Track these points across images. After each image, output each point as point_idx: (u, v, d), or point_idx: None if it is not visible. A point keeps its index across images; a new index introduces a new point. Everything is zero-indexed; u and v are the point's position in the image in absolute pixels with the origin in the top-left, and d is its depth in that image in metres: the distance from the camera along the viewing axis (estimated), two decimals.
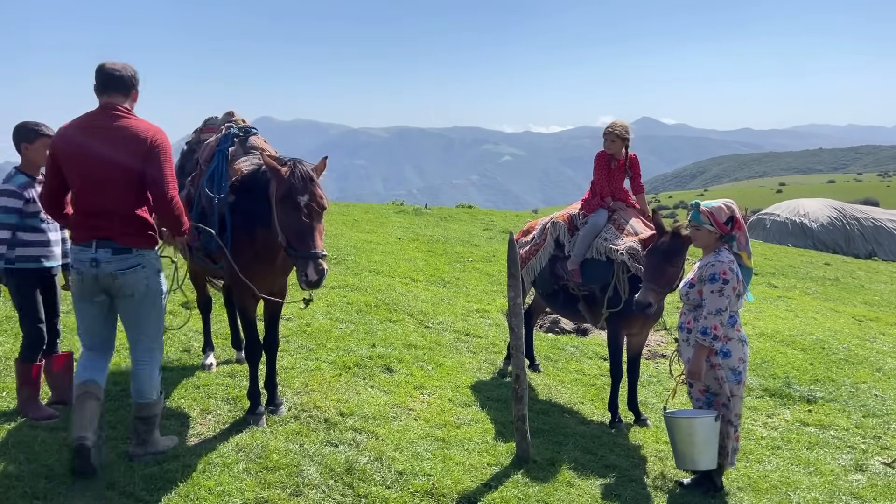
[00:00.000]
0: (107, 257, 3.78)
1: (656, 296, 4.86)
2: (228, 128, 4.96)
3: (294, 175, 4.13)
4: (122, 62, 3.87)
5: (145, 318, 3.96)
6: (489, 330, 7.65)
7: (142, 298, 3.90)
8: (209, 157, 4.84)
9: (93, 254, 3.78)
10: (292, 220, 4.12)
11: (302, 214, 4.09)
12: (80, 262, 3.82)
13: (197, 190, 4.78)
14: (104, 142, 3.71)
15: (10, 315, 5.99)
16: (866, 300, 12.57)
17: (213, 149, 4.86)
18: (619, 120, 6.00)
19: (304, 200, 4.10)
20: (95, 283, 3.83)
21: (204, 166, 4.83)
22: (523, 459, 4.61)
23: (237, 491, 3.81)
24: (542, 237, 6.19)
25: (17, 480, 3.65)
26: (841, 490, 4.78)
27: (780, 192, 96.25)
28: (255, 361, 4.77)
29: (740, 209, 4.59)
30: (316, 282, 4.04)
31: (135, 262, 3.84)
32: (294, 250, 4.12)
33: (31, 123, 4.46)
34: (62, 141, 3.78)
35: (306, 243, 4.08)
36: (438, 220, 15.55)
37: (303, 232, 4.10)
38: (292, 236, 4.13)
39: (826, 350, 8.10)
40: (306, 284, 4.06)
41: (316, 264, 4.04)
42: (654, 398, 6.25)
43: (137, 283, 3.85)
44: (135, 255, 3.84)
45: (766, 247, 18.53)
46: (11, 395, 4.65)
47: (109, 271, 3.79)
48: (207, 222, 4.60)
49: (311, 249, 4.06)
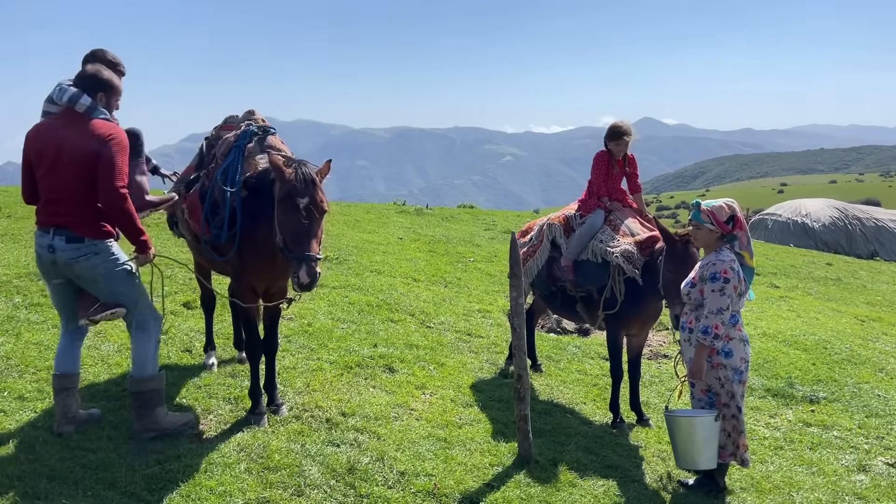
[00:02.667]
0: (62, 245, 3.97)
1: (682, 305, 4.81)
2: (248, 125, 4.96)
3: (296, 176, 4.13)
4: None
5: (120, 295, 4.14)
6: (491, 330, 7.64)
7: (107, 280, 4.08)
8: (226, 151, 4.85)
9: (49, 240, 3.98)
10: (290, 220, 4.12)
11: (300, 216, 4.09)
12: (39, 245, 4.05)
13: (211, 181, 4.78)
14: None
15: (12, 315, 6.00)
16: (868, 300, 12.54)
17: (230, 144, 4.86)
18: (625, 122, 5.93)
19: (303, 202, 4.10)
20: (53, 268, 4.05)
21: (220, 160, 4.84)
22: (525, 459, 4.60)
23: (239, 491, 3.81)
24: (539, 239, 6.18)
25: (19, 480, 3.65)
26: (844, 491, 4.77)
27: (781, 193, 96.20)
28: (256, 360, 4.77)
29: (742, 209, 4.59)
30: (307, 284, 4.05)
31: (86, 251, 4.00)
32: (289, 251, 4.12)
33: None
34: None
35: (301, 245, 4.08)
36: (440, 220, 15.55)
37: (299, 234, 4.10)
38: (289, 237, 4.13)
39: (828, 350, 8.08)
40: (298, 286, 4.08)
41: (309, 267, 4.04)
42: (657, 398, 6.24)
43: (95, 270, 4.04)
44: (87, 244, 4.00)
45: (767, 247, 18.51)
46: (13, 395, 4.65)
47: (64, 259, 3.99)
48: (219, 215, 4.61)
49: (305, 252, 4.06)
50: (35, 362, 5.14)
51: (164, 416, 4.26)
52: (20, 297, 6.44)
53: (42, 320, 5.97)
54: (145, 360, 4.17)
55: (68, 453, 3.96)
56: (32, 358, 5.21)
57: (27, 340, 5.51)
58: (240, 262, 4.61)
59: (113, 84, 4.18)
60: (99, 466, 3.86)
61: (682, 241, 4.98)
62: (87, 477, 3.75)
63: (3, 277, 6.91)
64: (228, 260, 4.68)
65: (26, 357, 5.20)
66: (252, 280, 4.68)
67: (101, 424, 4.36)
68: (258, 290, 4.77)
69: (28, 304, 6.32)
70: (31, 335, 5.62)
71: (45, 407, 4.53)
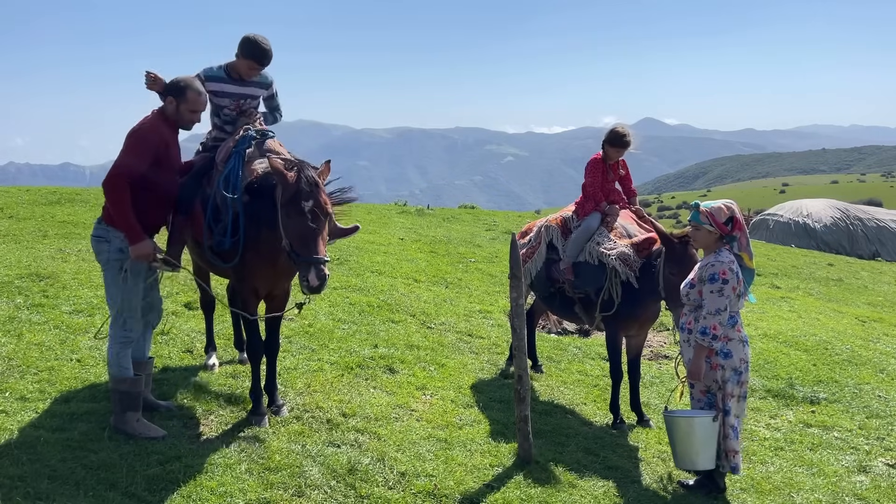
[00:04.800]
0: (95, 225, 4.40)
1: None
2: (246, 130, 4.95)
3: (300, 180, 4.13)
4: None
5: (107, 288, 4.37)
6: (491, 330, 7.64)
7: (105, 268, 4.34)
8: (226, 157, 4.84)
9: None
10: (296, 224, 4.12)
11: (306, 219, 4.10)
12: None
13: (213, 188, 4.79)
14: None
15: (14, 315, 6.01)
16: (870, 301, 12.52)
17: (230, 149, 4.85)
18: (628, 129, 5.87)
19: (308, 206, 4.10)
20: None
21: (221, 166, 4.84)
22: (525, 460, 4.61)
23: (239, 491, 3.82)
24: (537, 240, 6.19)
25: (20, 481, 3.66)
26: (844, 491, 4.77)
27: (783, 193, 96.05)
28: (257, 361, 4.78)
29: (742, 210, 4.59)
30: (317, 287, 4.05)
31: (98, 234, 4.33)
32: (297, 255, 4.13)
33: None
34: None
35: (309, 248, 4.09)
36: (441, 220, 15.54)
37: (306, 237, 4.10)
38: (295, 241, 4.13)
39: (829, 351, 8.07)
40: (308, 289, 4.08)
41: (318, 270, 4.04)
42: (657, 399, 6.24)
43: (100, 253, 4.34)
44: (101, 226, 4.32)
45: (769, 247, 18.49)
46: (15, 395, 4.66)
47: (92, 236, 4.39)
48: (221, 221, 4.61)
49: (313, 255, 4.07)
50: (37, 363, 5.16)
51: (133, 420, 4.27)
52: (22, 298, 6.45)
53: (44, 321, 5.98)
54: (110, 360, 4.36)
55: (70, 454, 3.97)
56: (34, 359, 5.22)
57: (29, 341, 5.52)
58: (242, 265, 4.61)
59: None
60: (100, 467, 3.87)
61: (681, 242, 5.00)
62: (89, 477, 3.77)
63: (5, 278, 6.92)
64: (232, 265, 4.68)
65: (28, 358, 5.22)
66: (254, 283, 4.69)
67: (102, 425, 4.37)
68: (260, 293, 4.77)
69: (30, 304, 6.33)
70: (32, 336, 5.63)
71: (46, 407, 4.55)
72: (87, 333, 5.81)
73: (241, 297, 4.78)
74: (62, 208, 11.44)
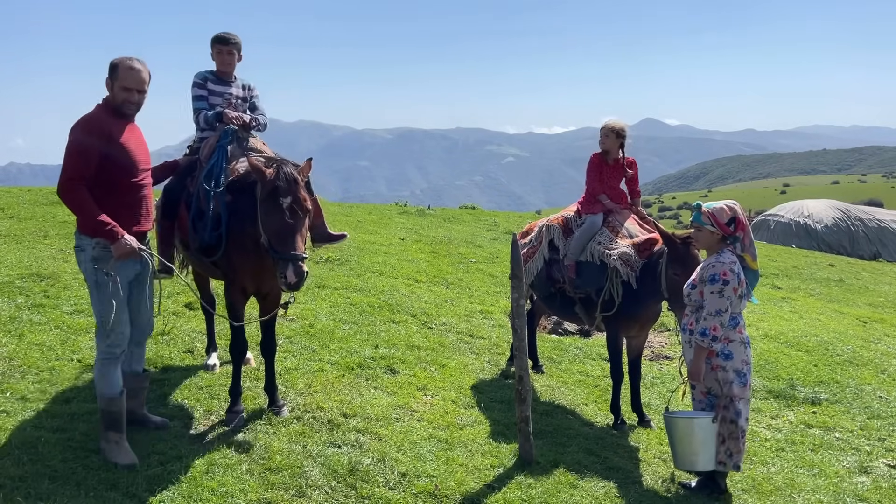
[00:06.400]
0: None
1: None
2: (229, 125, 4.97)
3: (278, 176, 4.14)
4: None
5: (91, 299, 4.07)
6: (492, 331, 7.64)
7: (85, 278, 4.08)
8: (209, 153, 4.85)
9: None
10: (274, 221, 4.13)
11: (284, 216, 4.09)
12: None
13: (196, 186, 4.78)
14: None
15: (14, 316, 6.01)
16: (871, 301, 12.51)
17: (212, 145, 4.88)
18: (611, 118, 5.95)
19: (286, 202, 4.10)
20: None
21: (204, 163, 4.84)
22: (526, 461, 4.60)
23: (240, 492, 3.82)
24: (539, 240, 6.19)
25: (21, 481, 3.66)
26: (845, 492, 4.77)
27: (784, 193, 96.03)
28: (238, 359, 4.77)
29: (744, 210, 4.58)
30: (295, 284, 4.05)
31: (76, 244, 4.06)
32: (275, 251, 4.12)
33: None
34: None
35: (287, 245, 4.08)
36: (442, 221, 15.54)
37: (283, 233, 4.10)
38: (273, 237, 4.13)
39: (830, 352, 8.06)
40: (286, 286, 4.08)
41: (296, 266, 4.04)
42: (658, 400, 6.23)
43: (80, 264, 4.07)
44: (76, 236, 4.05)
45: (770, 248, 18.48)
46: (15, 395, 4.66)
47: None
48: (204, 217, 4.61)
49: (291, 251, 4.06)
50: (37, 363, 5.16)
51: (112, 440, 4.00)
52: (23, 298, 6.45)
53: (44, 321, 5.98)
54: (95, 378, 4.10)
55: (70, 454, 3.97)
56: (35, 359, 5.22)
57: (30, 341, 5.52)
58: (228, 262, 4.61)
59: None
60: (101, 467, 3.88)
61: (683, 243, 4.99)
62: (90, 478, 3.77)
63: (6, 278, 6.93)
64: (217, 262, 4.68)
65: (29, 358, 5.22)
66: (242, 280, 4.68)
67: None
68: (248, 291, 4.75)
69: (30, 304, 6.33)
70: (33, 336, 5.64)
71: (47, 408, 4.55)
72: (87, 333, 5.81)
73: (230, 298, 4.75)
74: (63, 208, 11.43)
